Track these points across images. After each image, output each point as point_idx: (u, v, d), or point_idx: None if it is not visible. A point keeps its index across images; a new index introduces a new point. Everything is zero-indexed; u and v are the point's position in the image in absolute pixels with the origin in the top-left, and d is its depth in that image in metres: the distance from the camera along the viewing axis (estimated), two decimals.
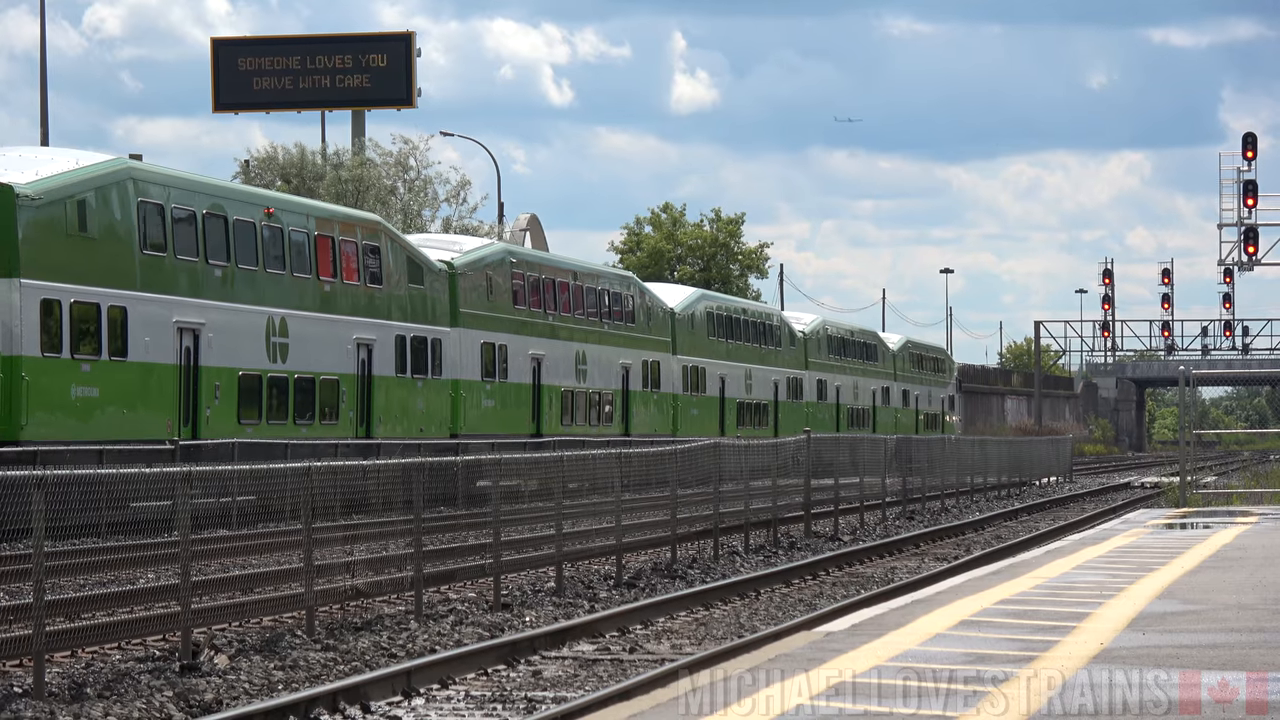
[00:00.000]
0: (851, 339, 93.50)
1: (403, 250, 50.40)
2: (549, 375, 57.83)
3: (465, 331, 52.96)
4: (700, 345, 71.90)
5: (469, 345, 53.14)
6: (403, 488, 23.94)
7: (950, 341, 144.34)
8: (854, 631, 16.54)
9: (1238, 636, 16.06)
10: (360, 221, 49.61)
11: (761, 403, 78.09)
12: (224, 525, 33.82)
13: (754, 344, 78.26)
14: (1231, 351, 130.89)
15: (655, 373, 66.94)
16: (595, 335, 61.96)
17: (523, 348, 56.27)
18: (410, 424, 49.80)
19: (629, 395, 64.33)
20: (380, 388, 48.42)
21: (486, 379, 54.08)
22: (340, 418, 46.58)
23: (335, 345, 46.62)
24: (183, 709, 16.27)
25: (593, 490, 31.66)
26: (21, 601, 18.57)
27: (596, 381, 61.59)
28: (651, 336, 67.02)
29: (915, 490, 50.21)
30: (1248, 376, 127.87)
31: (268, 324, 43.78)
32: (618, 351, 63.69)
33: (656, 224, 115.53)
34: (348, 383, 47.03)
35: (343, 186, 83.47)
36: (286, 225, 44.91)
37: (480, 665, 18.75)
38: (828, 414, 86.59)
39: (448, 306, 52.22)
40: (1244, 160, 59.39)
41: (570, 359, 59.61)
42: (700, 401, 71.14)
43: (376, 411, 48.13)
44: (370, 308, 48.32)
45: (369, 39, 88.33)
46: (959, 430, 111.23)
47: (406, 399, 49.80)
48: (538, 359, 57.11)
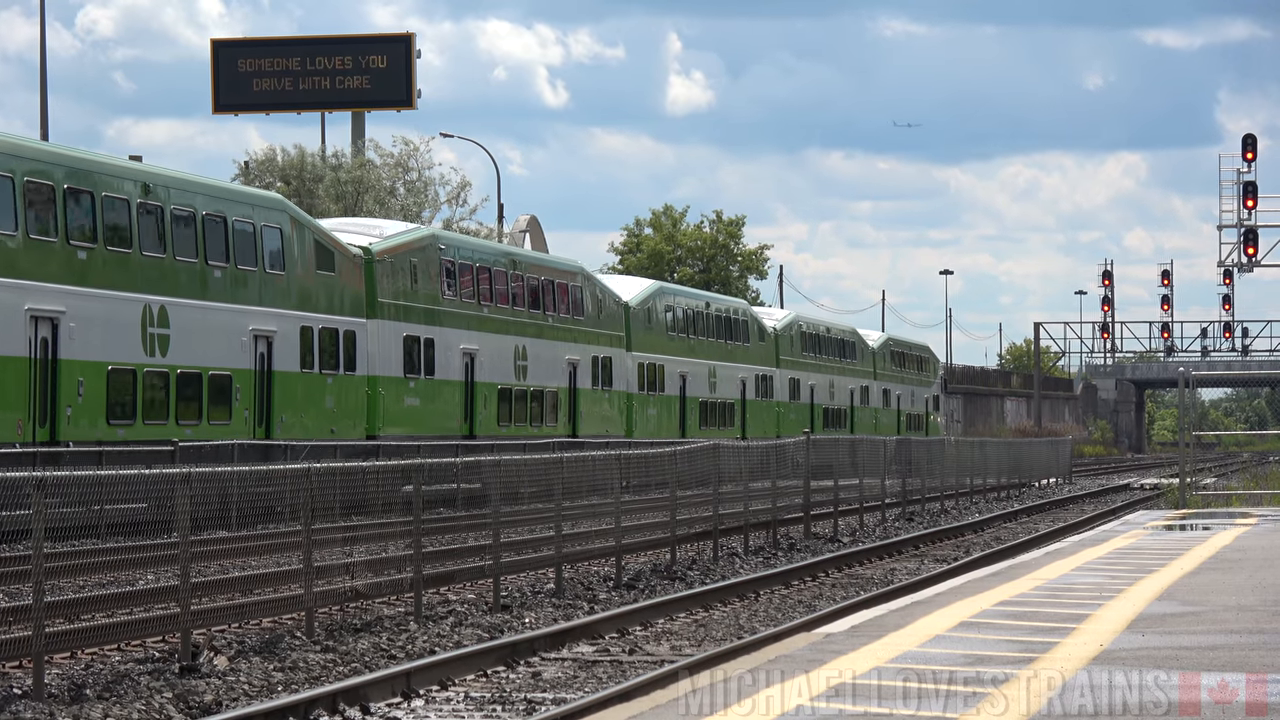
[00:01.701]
0: (827, 335, 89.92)
1: (310, 233, 46.42)
2: (484, 372, 53.88)
3: (384, 323, 48.96)
4: (658, 341, 68.28)
5: (389, 338, 49.21)
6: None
7: (949, 343, 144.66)
8: (854, 633, 16.54)
9: (1237, 638, 16.06)
10: (259, 200, 45.19)
11: (727, 402, 74.41)
12: (224, 526, 33.80)
13: (719, 340, 74.43)
14: (1231, 353, 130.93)
15: (607, 369, 62.88)
16: (537, 329, 57.73)
17: (453, 341, 52.32)
18: (318, 424, 45.77)
19: (576, 394, 60.37)
20: (282, 384, 44.47)
21: (410, 375, 50.16)
22: (234, 417, 42.50)
23: (227, 337, 42.50)
24: (182, 710, 16.27)
25: (592, 491, 31.63)
26: (21, 603, 18.56)
27: (539, 379, 57.47)
28: (603, 331, 62.90)
29: (915, 492, 50.21)
30: (1247, 378, 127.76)
31: (144, 313, 39.60)
32: (563, 346, 59.58)
33: (657, 225, 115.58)
34: (242, 378, 42.95)
35: (342, 188, 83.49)
36: (169, 203, 40.59)
37: (480, 667, 18.74)
38: (800, 414, 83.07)
39: (363, 296, 48.22)
40: (1243, 161, 59.40)
41: (508, 354, 55.63)
42: (658, 400, 67.52)
43: (277, 410, 44.17)
44: (271, 296, 44.25)
45: (369, 40, 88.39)
46: (944, 431, 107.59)
47: (313, 396, 45.81)
48: (470, 354, 53.18)
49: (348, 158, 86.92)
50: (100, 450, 36.85)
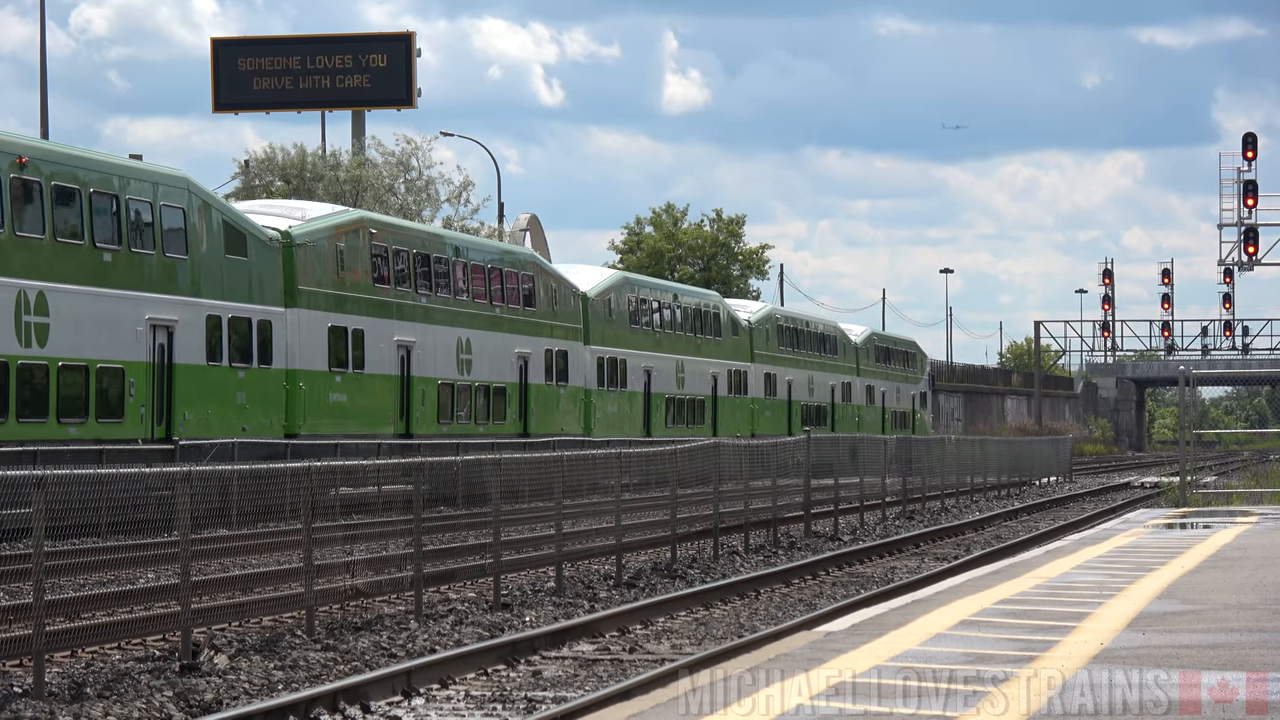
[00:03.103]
0: (806, 329, 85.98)
1: (218, 214, 42.87)
2: (422, 366, 50.36)
3: (306, 312, 45.45)
4: (620, 334, 64.55)
5: (311, 329, 45.67)
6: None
7: (950, 341, 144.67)
8: (854, 631, 16.54)
9: (1237, 636, 16.06)
10: (159, 178, 41.11)
11: (697, 399, 70.79)
12: (224, 525, 33.80)
13: (688, 333, 70.90)
14: (1231, 351, 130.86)
15: (562, 364, 59.27)
16: (484, 320, 54.31)
17: (386, 333, 48.81)
18: (228, 421, 42.36)
19: (527, 389, 56.73)
20: (185, 378, 40.98)
21: (336, 369, 46.62)
22: (127, 415, 39.10)
23: (118, 327, 38.97)
24: (183, 709, 16.27)
25: (592, 490, 31.62)
26: (21, 601, 18.57)
27: (485, 374, 53.98)
28: (557, 323, 59.18)
29: (915, 490, 50.21)
30: (1247, 376, 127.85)
31: (18, 299, 36.27)
32: (513, 339, 55.94)
33: (657, 224, 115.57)
34: (137, 372, 39.47)
35: (341, 187, 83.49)
36: (47, 179, 37.29)
37: (480, 665, 18.75)
38: (777, 412, 79.76)
39: (281, 282, 44.67)
40: (1244, 160, 59.42)
41: (450, 347, 52.11)
42: (620, 397, 63.98)
43: (179, 407, 40.70)
44: (172, 282, 40.77)
45: (369, 39, 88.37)
46: (933, 430, 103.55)
47: (222, 392, 42.39)
48: (406, 347, 49.69)
49: (348, 156, 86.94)
50: None
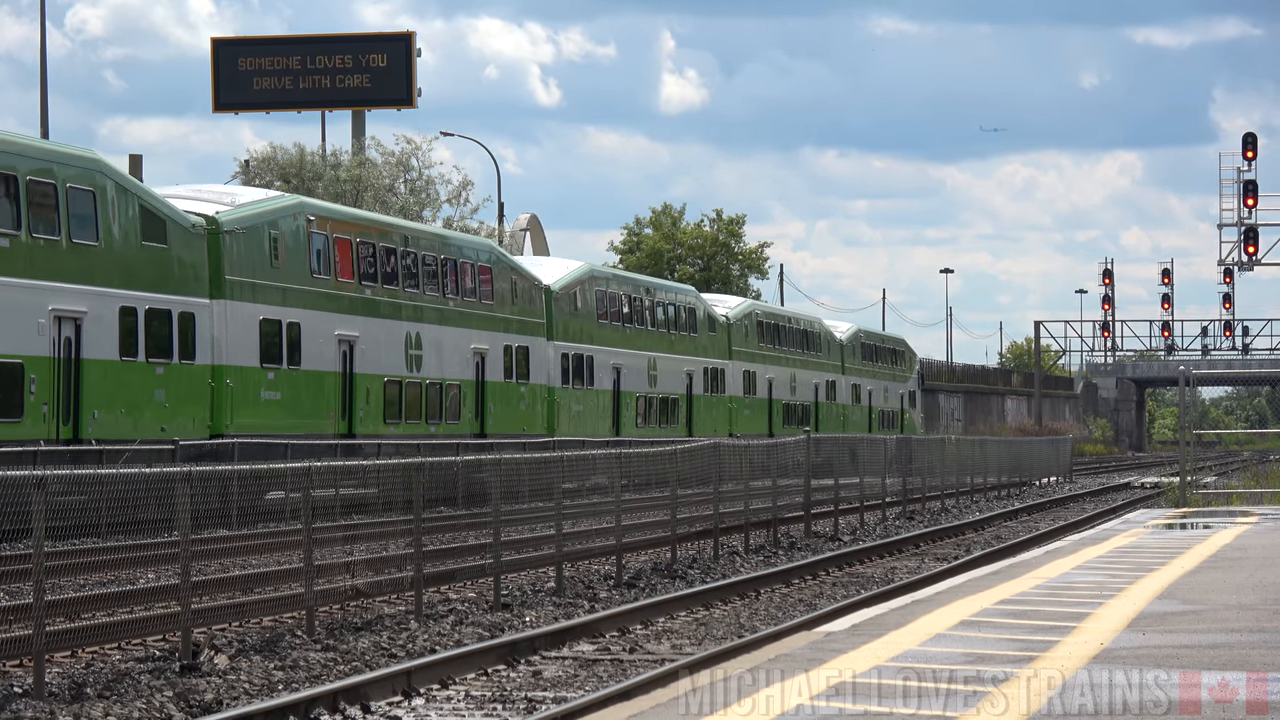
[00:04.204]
0: (788, 325, 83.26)
1: (134, 198, 39.78)
2: (367, 362, 47.49)
3: (234, 304, 42.42)
4: (588, 329, 61.67)
5: (240, 322, 42.67)
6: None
7: (950, 341, 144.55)
8: (854, 631, 16.54)
9: (1238, 636, 16.06)
10: (65, 159, 38.26)
11: (671, 397, 68.09)
12: (224, 525, 33.80)
13: (661, 330, 68.03)
14: (1231, 352, 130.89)
15: (523, 361, 56.32)
16: (436, 314, 51.31)
17: (327, 327, 45.85)
18: (144, 421, 39.57)
19: (485, 388, 53.82)
20: (94, 374, 38.20)
21: (269, 365, 43.60)
22: (27, 414, 36.38)
23: (18, 318, 36.31)
24: (183, 709, 16.27)
25: (592, 490, 31.63)
26: (21, 601, 18.57)
27: (437, 370, 51.10)
28: (518, 317, 56.22)
29: (915, 490, 50.21)
30: (1248, 376, 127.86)
31: None
32: (468, 334, 53.02)
33: (657, 224, 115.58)
34: (39, 367, 36.70)
35: (341, 186, 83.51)
36: None
37: (480, 665, 18.75)
38: (757, 411, 77.13)
39: (205, 272, 41.69)
40: (1244, 160, 59.44)
41: (397, 342, 49.20)
42: (586, 395, 61.16)
43: (88, 405, 37.95)
44: (79, 271, 37.93)
45: (369, 39, 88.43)
46: (921, 430, 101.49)
47: (138, 389, 39.54)
48: (349, 341, 46.73)
49: (348, 156, 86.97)
50: None
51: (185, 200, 42.99)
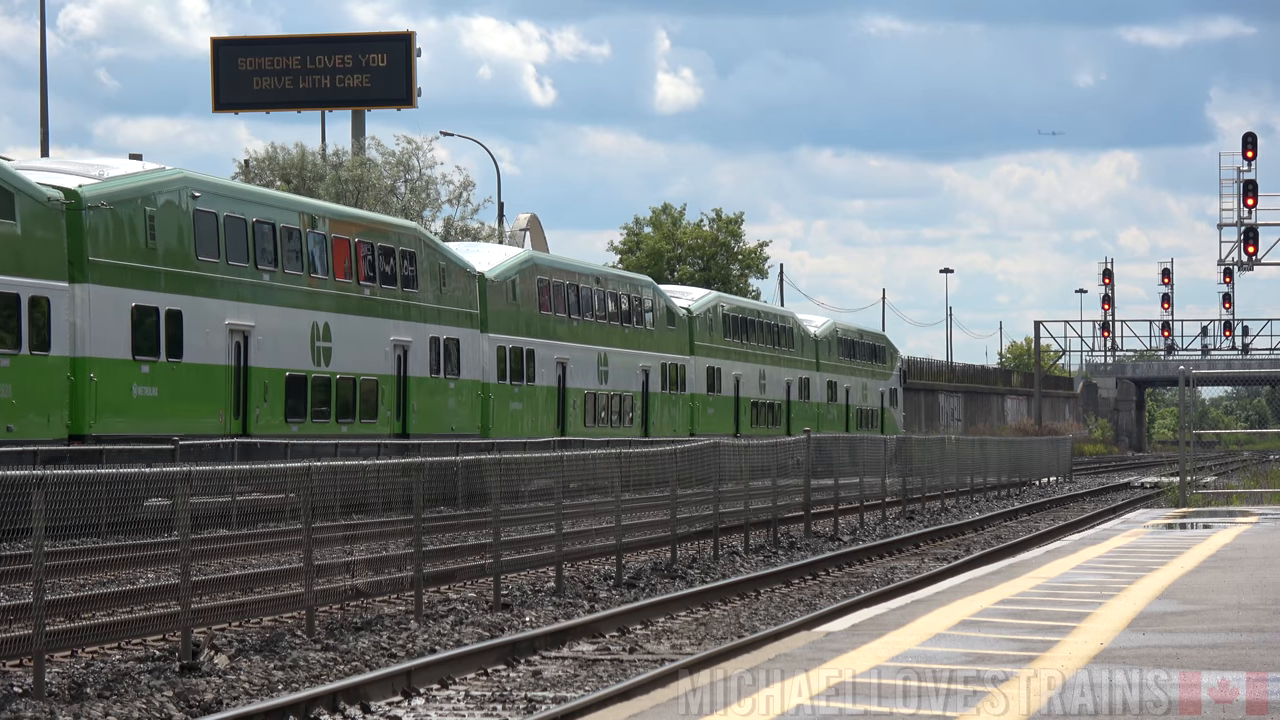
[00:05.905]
0: (757, 320, 79.70)
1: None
2: (264, 354, 43.29)
3: (99, 289, 38.15)
4: (528, 321, 57.50)
5: (107, 308, 38.39)
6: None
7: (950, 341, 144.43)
8: (854, 631, 16.54)
9: (1238, 636, 16.06)
10: None
11: (625, 395, 64.15)
12: (224, 525, 33.79)
13: (614, 323, 63.96)
14: (1231, 351, 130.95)
15: (453, 355, 52.25)
16: (349, 302, 47.21)
17: (215, 315, 41.70)
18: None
19: (407, 384, 49.75)
20: None
21: (143, 358, 39.38)
22: None
23: None
24: (183, 709, 16.27)
25: (591, 490, 31.59)
26: (21, 601, 18.56)
27: (350, 364, 46.92)
28: (447, 307, 51.96)
29: (915, 490, 50.21)
30: (1247, 376, 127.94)
31: None
32: (387, 325, 48.89)
33: (656, 224, 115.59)
34: None
35: (342, 186, 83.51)
36: None
37: (480, 665, 18.75)
38: (722, 409, 73.42)
39: (63, 254, 37.28)
40: (1244, 160, 59.45)
41: (302, 333, 45.05)
42: (526, 392, 57.03)
43: None
44: None
45: (369, 39, 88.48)
46: (902, 429, 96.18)
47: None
48: (243, 332, 42.55)
49: (349, 155, 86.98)
50: None
51: (48, 173, 38.82)
